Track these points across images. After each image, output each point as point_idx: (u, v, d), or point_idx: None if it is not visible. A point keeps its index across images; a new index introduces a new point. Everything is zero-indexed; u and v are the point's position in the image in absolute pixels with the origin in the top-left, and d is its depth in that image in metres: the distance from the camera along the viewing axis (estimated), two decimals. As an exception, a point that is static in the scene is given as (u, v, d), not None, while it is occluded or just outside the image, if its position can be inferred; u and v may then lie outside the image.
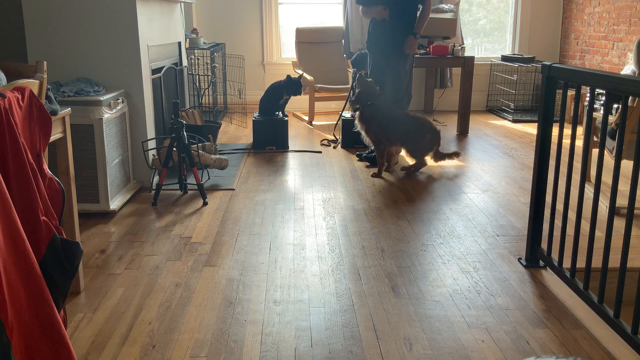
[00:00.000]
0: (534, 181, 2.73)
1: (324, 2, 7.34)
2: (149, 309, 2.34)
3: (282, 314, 2.30)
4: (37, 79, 2.04)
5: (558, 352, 2.06)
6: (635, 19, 5.69)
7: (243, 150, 5.08)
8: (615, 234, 2.49)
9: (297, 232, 3.18)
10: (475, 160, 4.79)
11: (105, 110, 3.38)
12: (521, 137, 5.71)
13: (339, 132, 5.55)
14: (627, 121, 3.32)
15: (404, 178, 4.28)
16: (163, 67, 4.41)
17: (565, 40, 7.20)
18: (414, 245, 3.01)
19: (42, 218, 1.71)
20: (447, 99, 7.26)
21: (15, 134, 1.63)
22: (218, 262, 2.79)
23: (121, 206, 3.54)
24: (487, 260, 2.83)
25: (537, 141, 2.68)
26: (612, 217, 2.10)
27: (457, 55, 5.83)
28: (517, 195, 3.85)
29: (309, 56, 6.84)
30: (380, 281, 2.59)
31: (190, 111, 4.96)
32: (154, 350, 2.05)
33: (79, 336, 2.14)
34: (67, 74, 3.68)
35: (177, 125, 3.63)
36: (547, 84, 2.58)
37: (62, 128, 2.38)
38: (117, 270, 2.71)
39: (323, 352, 2.05)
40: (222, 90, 6.54)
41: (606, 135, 2.21)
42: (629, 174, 3.08)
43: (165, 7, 4.46)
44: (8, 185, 1.60)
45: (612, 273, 2.23)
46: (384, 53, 4.57)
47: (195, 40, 5.70)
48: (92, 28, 3.65)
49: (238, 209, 3.55)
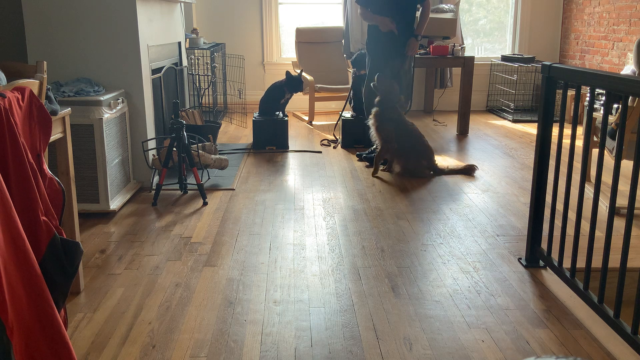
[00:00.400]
0: (534, 181, 2.73)
1: (324, 2, 7.34)
2: (149, 309, 2.34)
3: (282, 314, 2.30)
4: (37, 79, 2.04)
5: (558, 352, 2.06)
6: (635, 19, 5.69)
7: (243, 150, 5.08)
8: (615, 234, 2.49)
9: (297, 232, 3.18)
10: (475, 160, 4.79)
11: (105, 110, 3.38)
12: (521, 137, 5.71)
13: (339, 132, 5.55)
14: (627, 121, 3.32)
15: (404, 178, 4.28)
16: (163, 67, 4.41)
17: (565, 40, 7.20)
18: (414, 245, 3.01)
19: (42, 218, 1.72)
20: (447, 99, 7.26)
21: (15, 134, 1.63)
22: (218, 262, 2.79)
23: (121, 206, 3.54)
24: (487, 260, 2.83)
25: (537, 141, 2.68)
26: (612, 217, 2.10)
27: (457, 55, 5.83)
28: (517, 195, 3.85)
29: (309, 56, 6.84)
30: (380, 281, 2.59)
31: (190, 111, 4.96)
32: (154, 350, 2.05)
33: (79, 336, 2.14)
34: (67, 74, 3.68)
35: (177, 125, 3.62)
36: (547, 84, 2.58)
37: (62, 128, 2.38)
38: (117, 270, 2.71)
39: (323, 352, 2.05)
40: (222, 90, 6.54)
41: (606, 135, 2.21)
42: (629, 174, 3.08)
43: (165, 7, 4.46)
44: (8, 185, 1.60)
45: (612, 273, 2.23)
46: (383, 53, 4.56)
47: (195, 40, 5.70)
48: (92, 28, 3.65)
49: (238, 209, 3.55)
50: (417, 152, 4.32)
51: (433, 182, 4.18)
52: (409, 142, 4.33)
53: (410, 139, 4.34)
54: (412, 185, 4.11)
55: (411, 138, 4.35)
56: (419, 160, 4.31)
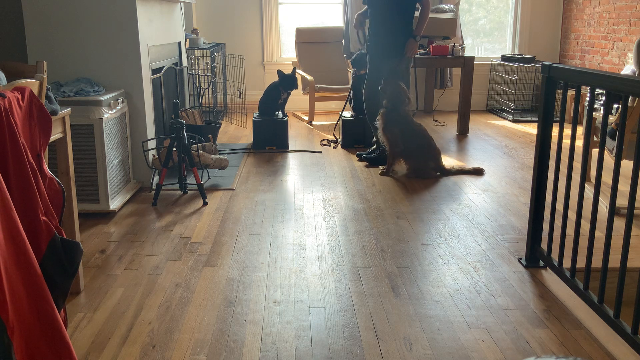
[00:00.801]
0: (534, 181, 2.73)
1: (324, 2, 7.34)
2: (149, 309, 2.34)
3: (282, 314, 2.30)
4: (37, 79, 2.04)
5: (558, 352, 2.06)
6: (635, 19, 5.69)
7: (243, 150, 5.08)
8: (615, 234, 2.49)
9: (297, 232, 3.18)
10: (475, 160, 4.79)
11: (105, 110, 3.38)
12: (521, 137, 5.71)
13: (339, 132, 5.55)
14: (627, 121, 3.32)
15: (404, 178, 4.28)
16: (163, 67, 4.41)
17: (565, 40, 7.20)
18: (414, 245, 3.01)
19: (42, 218, 1.72)
20: (447, 99, 7.26)
21: (15, 134, 1.64)
22: (218, 262, 2.79)
23: (121, 206, 3.54)
24: (487, 260, 2.83)
25: (537, 141, 2.68)
26: (612, 217, 2.10)
27: (457, 55, 5.83)
28: (517, 195, 3.85)
29: (309, 56, 6.84)
30: (380, 281, 2.59)
31: (190, 111, 4.96)
32: (154, 350, 2.05)
33: (79, 336, 2.14)
34: (67, 74, 3.68)
35: (177, 125, 3.62)
36: (547, 84, 2.58)
37: (62, 128, 2.38)
38: (117, 270, 2.71)
39: (323, 352, 2.05)
40: (222, 90, 6.54)
41: (606, 135, 2.21)
42: (629, 174, 3.08)
43: (165, 7, 4.46)
44: (8, 185, 1.60)
45: (612, 273, 2.23)
46: (382, 53, 4.56)
47: (195, 40, 5.70)
48: (92, 28, 3.65)
49: (238, 209, 3.55)
50: (424, 153, 4.32)
51: (433, 182, 4.18)
52: (416, 143, 4.32)
53: (417, 140, 4.34)
54: (412, 185, 4.11)
55: (418, 139, 4.35)
56: (426, 161, 4.31)
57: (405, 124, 4.35)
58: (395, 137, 4.31)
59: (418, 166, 4.31)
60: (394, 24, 4.50)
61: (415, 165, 4.32)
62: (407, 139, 4.32)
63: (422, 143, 4.34)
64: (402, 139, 4.31)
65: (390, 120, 4.34)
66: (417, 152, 4.31)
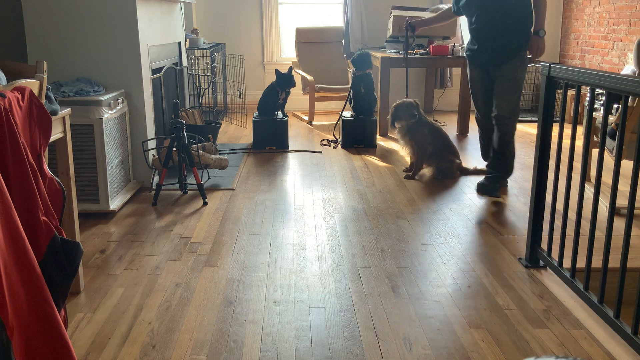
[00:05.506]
0: (534, 181, 2.73)
1: (324, 2, 7.34)
2: (149, 309, 2.34)
3: (282, 314, 2.30)
4: (37, 79, 2.04)
5: (558, 352, 2.06)
6: (635, 19, 5.68)
7: (243, 150, 5.08)
8: (615, 234, 2.49)
9: (297, 232, 3.18)
10: (475, 160, 4.79)
11: (105, 110, 3.38)
12: (521, 137, 5.70)
13: (339, 132, 5.55)
14: (627, 121, 3.32)
15: (404, 178, 4.28)
16: (163, 67, 4.41)
17: (565, 40, 7.20)
18: (414, 245, 3.01)
19: (42, 218, 1.71)
20: (447, 99, 7.26)
21: (15, 134, 1.63)
22: (218, 262, 2.79)
23: (121, 206, 3.54)
24: (487, 261, 2.83)
25: (537, 141, 2.68)
26: (612, 217, 2.10)
27: (457, 55, 5.83)
28: (517, 195, 3.85)
29: (309, 56, 6.84)
30: (380, 281, 2.59)
31: (190, 111, 4.96)
32: (154, 350, 2.05)
33: (79, 336, 2.14)
34: (67, 74, 3.68)
35: (177, 125, 3.62)
36: (547, 84, 2.58)
37: (62, 128, 2.38)
38: (117, 270, 2.71)
39: (323, 352, 2.05)
40: (222, 90, 6.54)
41: (606, 135, 2.21)
42: (629, 174, 3.08)
43: (165, 7, 4.46)
44: (8, 185, 1.60)
45: (612, 273, 2.23)
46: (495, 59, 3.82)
47: (195, 40, 5.70)
48: (92, 28, 3.65)
49: (238, 209, 3.55)
50: (447, 153, 4.32)
51: (433, 183, 4.18)
52: (441, 143, 4.32)
53: (442, 140, 4.34)
54: (412, 185, 4.11)
55: (442, 139, 4.35)
56: (452, 160, 4.31)
57: (428, 124, 4.35)
58: (424, 139, 4.28)
59: (444, 166, 4.29)
60: (507, 23, 3.71)
61: (440, 165, 4.29)
62: (434, 139, 4.32)
63: (447, 143, 4.36)
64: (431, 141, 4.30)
65: (415, 125, 4.30)
66: (443, 152, 4.31)
